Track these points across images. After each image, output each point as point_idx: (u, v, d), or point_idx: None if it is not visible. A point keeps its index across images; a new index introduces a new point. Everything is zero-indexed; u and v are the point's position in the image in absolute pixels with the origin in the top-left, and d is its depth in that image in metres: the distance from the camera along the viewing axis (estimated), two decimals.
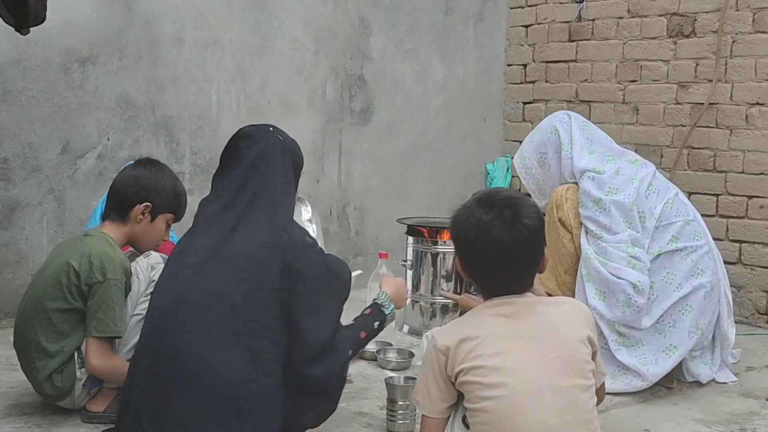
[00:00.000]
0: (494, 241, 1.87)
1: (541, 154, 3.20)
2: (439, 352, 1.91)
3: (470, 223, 1.90)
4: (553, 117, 3.27)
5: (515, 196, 1.97)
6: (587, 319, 1.98)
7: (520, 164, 3.27)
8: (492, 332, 1.89)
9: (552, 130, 3.18)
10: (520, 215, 1.89)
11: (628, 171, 3.07)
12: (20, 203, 3.53)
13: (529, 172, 3.24)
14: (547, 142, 3.19)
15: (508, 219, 1.88)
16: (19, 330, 2.51)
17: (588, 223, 3.00)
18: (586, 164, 3.08)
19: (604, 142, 3.22)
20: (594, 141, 3.18)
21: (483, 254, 1.90)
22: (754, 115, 4.07)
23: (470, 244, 1.91)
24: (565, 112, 3.28)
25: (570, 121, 3.18)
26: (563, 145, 3.14)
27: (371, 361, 3.23)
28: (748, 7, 4.08)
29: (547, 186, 3.21)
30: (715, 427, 2.67)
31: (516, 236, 1.87)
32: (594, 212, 2.98)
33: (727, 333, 3.09)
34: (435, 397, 1.95)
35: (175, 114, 3.90)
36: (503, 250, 1.88)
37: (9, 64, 3.45)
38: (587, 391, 1.88)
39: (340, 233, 4.54)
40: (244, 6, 4.07)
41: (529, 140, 3.27)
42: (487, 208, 1.90)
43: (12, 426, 2.46)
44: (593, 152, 3.13)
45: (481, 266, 1.94)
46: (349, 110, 4.51)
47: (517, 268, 1.93)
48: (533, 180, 3.25)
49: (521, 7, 5.09)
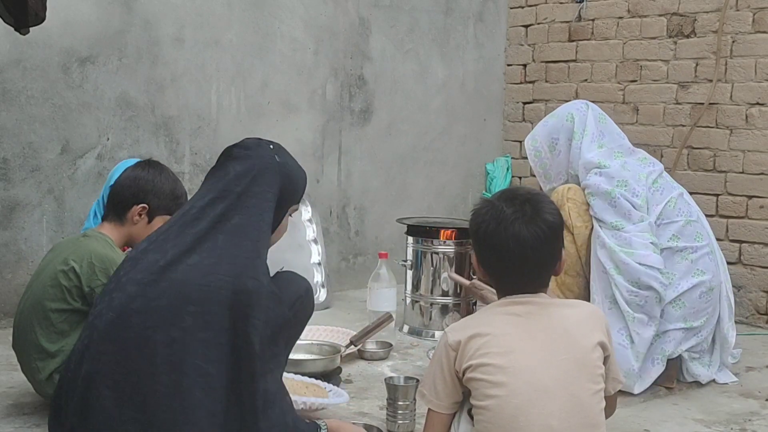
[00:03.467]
0: (514, 235, 1.88)
1: (553, 140, 3.17)
2: (449, 347, 1.91)
3: (491, 216, 1.91)
4: (571, 104, 3.25)
5: (536, 193, 1.99)
6: (601, 323, 1.98)
7: (530, 146, 3.23)
8: (503, 331, 1.89)
9: (568, 117, 3.15)
10: (541, 211, 1.91)
11: (635, 167, 3.05)
12: (20, 203, 3.53)
13: (539, 156, 3.21)
14: (561, 128, 3.16)
15: (529, 214, 1.89)
16: (19, 330, 2.51)
17: (604, 216, 2.95)
18: (592, 157, 3.06)
19: (617, 137, 3.18)
20: (606, 135, 3.15)
21: (501, 248, 1.90)
22: (754, 115, 4.07)
23: (489, 237, 1.91)
24: (584, 102, 3.25)
25: (587, 111, 3.16)
26: (575, 134, 3.11)
27: (371, 361, 3.23)
28: (748, 7, 4.08)
29: (554, 172, 3.19)
30: (715, 427, 2.67)
31: (536, 231, 1.88)
32: (608, 204, 2.95)
33: (727, 335, 3.08)
34: (441, 392, 1.96)
35: (175, 114, 3.90)
36: (522, 245, 1.88)
37: (9, 64, 3.45)
38: (595, 396, 1.88)
39: (340, 233, 4.54)
40: (244, 6, 4.07)
41: (543, 124, 3.24)
42: (508, 202, 1.92)
43: (12, 426, 2.46)
44: (603, 146, 3.10)
45: (498, 261, 1.94)
46: (349, 110, 4.51)
47: (534, 265, 1.93)
48: (541, 164, 3.22)
49: (521, 7, 5.09)
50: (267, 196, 2.03)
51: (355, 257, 4.61)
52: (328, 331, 3.46)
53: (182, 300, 1.84)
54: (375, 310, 3.44)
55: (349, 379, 2.98)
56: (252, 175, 2.02)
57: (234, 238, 1.94)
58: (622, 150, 3.14)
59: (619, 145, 3.16)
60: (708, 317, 2.98)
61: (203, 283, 1.86)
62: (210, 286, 1.85)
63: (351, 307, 4.16)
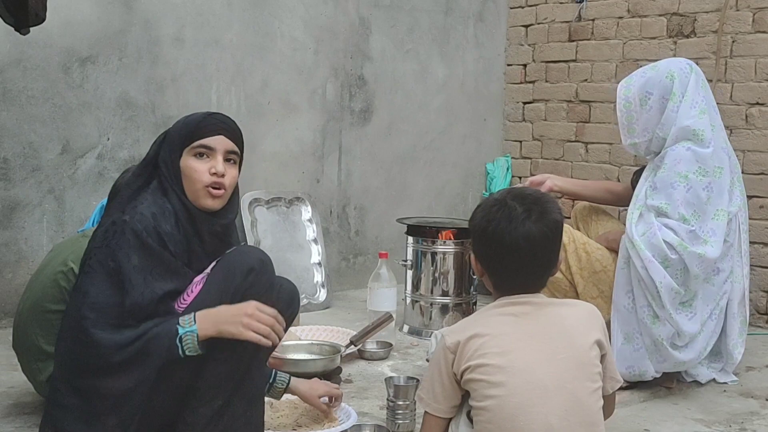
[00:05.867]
0: (525, 233, 1.89)
1: (647, 94, 2.96)
2: (447, 350, 1.92)
3: (502, 214, 1.91)
4: (673, 61, 3.06)
5: (542, 193, 2.02)
6: (598, 322, 1.99)
7: (622, 95, 3.03)
8: (501, 331, 1.90)
9: (668, 75, 2.95)
10: (549, 210, 1.93)
11: (723, 158, 2.92)
12: (20, 203, 3.53)
13: (628, 107, 3.00)
14: (658, 84, 2.95)
15: (538, 213, 1.91)
16: (18, 331, 2.51)
17: (658, 194, 2.87)
18: (691, 123, 2.88)
19: (713, 110, 3.00)
20: (707, 103, 2.98)
21: (511, 246, 1.91)
22: (754, 115, 4.07)
23: (499, 234, 1.91)
24: (688, 62, 3.04)
25: (690, 74, 2.97)
26: (673, 95, 2.92)
27: (371, 360, 3.23)
28: (748, 7, 4.08)
29: (639, 127, 2.99)
30: (715, 427, 2.68)
31: (545, 230, 1.90)
32: (672, 185, 2.84)
33: (733, 352, 3.06)
34: (439, 396, 1.96)
35: (175, 114, 3.90)
36: (532, 243, 1.90)
37: (9, 64, 3.45)
38: (594, 394, 1.89)
39: (340, 233, 4.54)
40: (244, 6, 4.07)
41: (641, 74, 3.02)
42: (519, 201, 1.93)
43: (12, 426, 2.46)
44: (704, 112, 2.92)
45: (504, 259, 1.94)
46: (349, 110, 4.51)
47: (539, 264, 1.95)
48: (628, 115, 3.01)
49: (521, 7, 5.09)
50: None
51: (355, 257, 4.61)
52: (328, 331, 3.46)
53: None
54: (375, 310, 3.44)
55: (349, 379, 2.98)
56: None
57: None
58: (715, 124, 2.96)
59: (712, 118, 2.97)
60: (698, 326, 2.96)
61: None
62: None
63: (351, 307, 4.16)
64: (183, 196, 2.07)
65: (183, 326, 1.92)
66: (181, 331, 1.91)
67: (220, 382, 1.97)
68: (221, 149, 2.10)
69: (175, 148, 2.09)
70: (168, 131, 2.15)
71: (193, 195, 2.07)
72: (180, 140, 2.09)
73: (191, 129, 2.10)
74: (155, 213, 2.01)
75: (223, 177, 2.08)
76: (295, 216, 4.23)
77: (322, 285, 4.17)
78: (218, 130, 2.11)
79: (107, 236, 1.99)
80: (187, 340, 1.91)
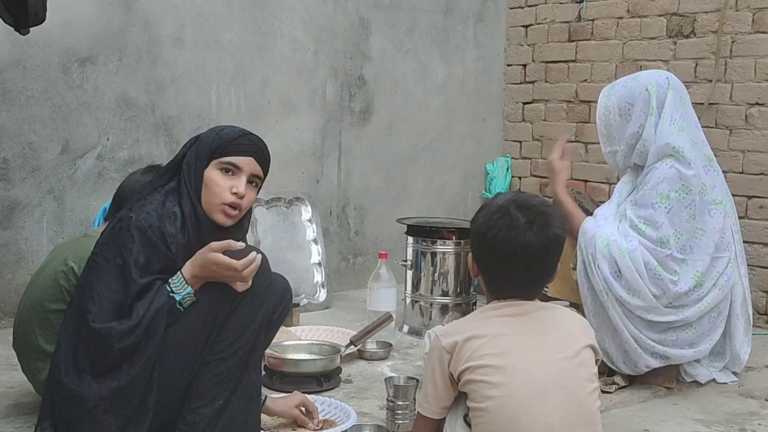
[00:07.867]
0: (523, 244, 1.89)
1: (628, 104, 2.96)
2: (443, 350, 1.92)
3: (504, 223, 1.91)
4: (653, 74, 3.04)
5: (548, 205, 2.01)
6: (590, 329, 2.04)
7: (602, 103, 3.02)
8: (499, 332, 1.91)
9: (647, 88, 2.94)
10: (552, 224, 1.93)
11: (705, 177, 2.92)
12: (20, 203, 3.53)
13: (607, 116, 3.00)
14: (638, 96, 2.94)
15: (541, 225, 1.91)
16: (18, 331, 2.51)
17: (639, 210, 2.87)
18: (671, 140, 2.87)
19: (693, 126, 2.99)
20: (685, 120, 2.95)
21: (508, 255, 1.92)
22: (753, 115, 4.07)
23: (498, 242, 1.92)
24: (667, 76, 3.02)
25: (668, 90, 2.94)
26: (652, 110, 2.92)
27: (371, 360, 3.23)
28: (748, 7, 4.08)
29: (618, 136, 2.99)
30: (715, 427, 2.68)
31: (544, 243, 1.91)
32: (651, 203, 2.85)
33: (740, 353, 3.06)
34: (430, 396, 1.97)
35: (175, 114, 3.91)
36: (529, 255, 1.90)
37: (9, 64, 3.45)
38: (592, 394, 1.91)
39: (340, 233, 4.54)
40: (244, 6, 4.07)
41: (623, 84, 3.02)
42: (522, 211, 1.92)
43: (12, 426, 2.46)
44: (683, 130, 2.91)
45: (501, 267, 1.95)
46: (348, 110, 4.51)
47: (536, 275, 1.96)
48: (607, 124, 3.01)
49: (521, 7, 5.09)
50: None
51: (355, 257, 4.61)
52: (328, 331, 3.46)
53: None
54: (375, 310, 3.44)
55: (349, 379, 2.98)
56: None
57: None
58: (698, 142, 2.96)
59: (694, 135, 2.97)
60: (713, 337, 2.99)
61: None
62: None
63: (351, 307, 4.16)
64: (197, 203, 2.09)
65: (178, 292, 2.00)
66: (178, 297, 2.00)
67: (220, 382, 2.00)
68: (248, 171, 2.13)
69: (203, 156, 2.11)
70: (200, 137, 2.16)
71: (208, 206, 2.09)
72: (210, 151, 2.11)
73: (224, 143, 2.11)
74: (161, 214, 2.05)
75: (242, 198, 2.10)
76: (294, 216, 4.23)
77: (321, 285, 4.17)
78: (249, 152, 2.14)
79: (113, 233, 2.04)
80: (186, 301, 2.01)
